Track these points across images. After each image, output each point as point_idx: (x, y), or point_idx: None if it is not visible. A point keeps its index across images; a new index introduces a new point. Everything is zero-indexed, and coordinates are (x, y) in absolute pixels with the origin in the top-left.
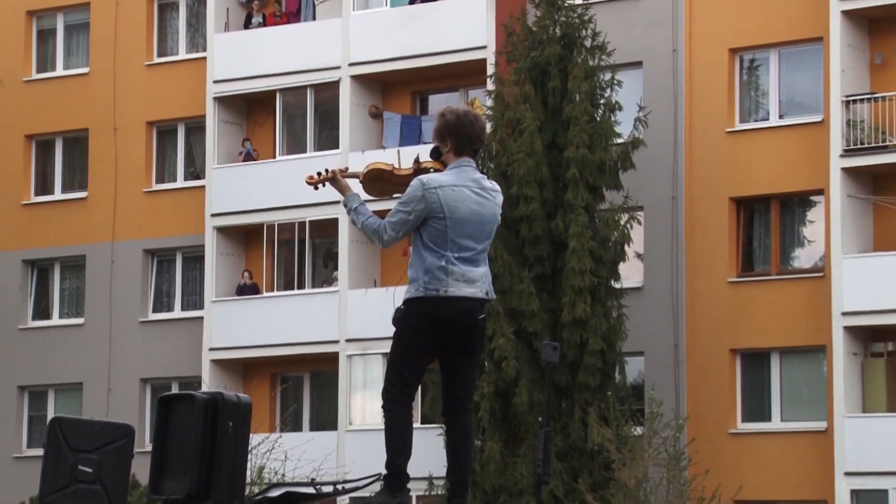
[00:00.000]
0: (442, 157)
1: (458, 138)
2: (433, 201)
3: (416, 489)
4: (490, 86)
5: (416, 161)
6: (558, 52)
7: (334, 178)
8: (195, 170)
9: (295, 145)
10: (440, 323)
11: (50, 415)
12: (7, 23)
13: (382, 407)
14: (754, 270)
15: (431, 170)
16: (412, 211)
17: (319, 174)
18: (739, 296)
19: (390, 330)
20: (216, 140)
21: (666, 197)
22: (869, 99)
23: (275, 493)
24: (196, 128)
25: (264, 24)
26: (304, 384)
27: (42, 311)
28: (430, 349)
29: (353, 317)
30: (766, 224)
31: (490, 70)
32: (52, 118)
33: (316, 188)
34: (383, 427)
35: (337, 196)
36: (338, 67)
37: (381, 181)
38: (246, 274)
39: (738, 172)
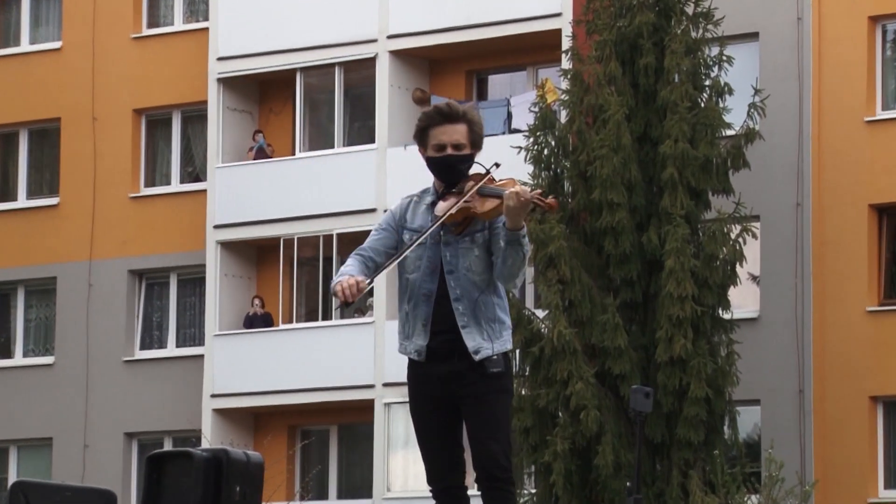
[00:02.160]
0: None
1: None
2: None
3: None
4: (566, 64)
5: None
6: (652, 20)
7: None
8: (194, 170)
9: (319, 139)
10: None
11: (12, 478)
12: None
13: (506, 490)
14: None
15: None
16: None
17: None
18: (882, 329)
19: None
20: (220, 132)
21: (789, 204)
22: None
23: None
24: (195, 117)
25: None
26: (331, 440)
27: (2, 348)
28: None
29: (392, 355)
30: None
31: (566, 44)
32: (14, 105)
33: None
34: None
35: (369, 203)
36: (374, 41)
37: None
38: (257, 301)
39: (881, 173)
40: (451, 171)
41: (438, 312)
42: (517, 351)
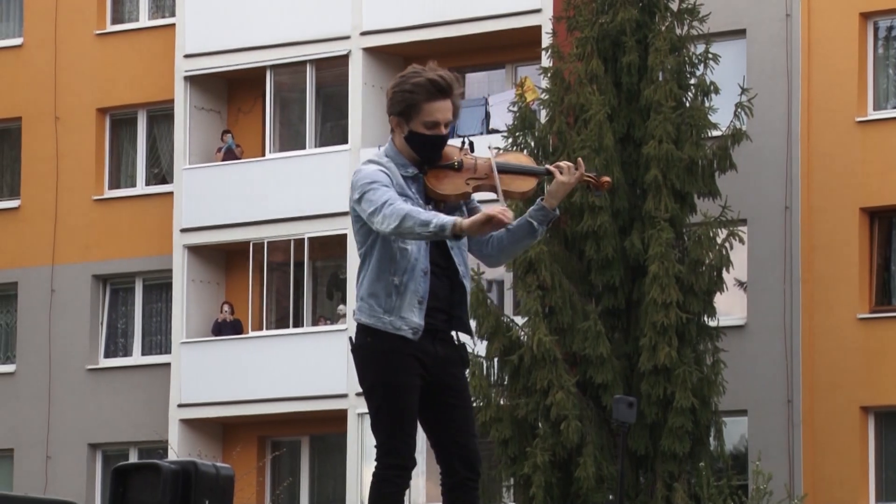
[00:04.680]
0: None
1: None
2: None
3: None
4: (546, 61)
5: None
6: (635, 17)
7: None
8: (160, 171)
9: (290, 139)
10: None
11: None
12: None
13: (478, 488)
14: (893, 304)
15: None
16: None
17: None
18: (873, 337)
19: None
20: (188, 132)
21: (777, 207)
22: None
23: None
24: (162, 116)
25: None
26: (302, 451)
27: None
28: None
29: None
30: None
31: (546, 41)
32: None
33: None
34: None
35: (342, 206)
36: (347, 37)
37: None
38: (226, 308)
39: (872, 175)
40: (439, 150)
41: (430, 289)
42: (495, 359)
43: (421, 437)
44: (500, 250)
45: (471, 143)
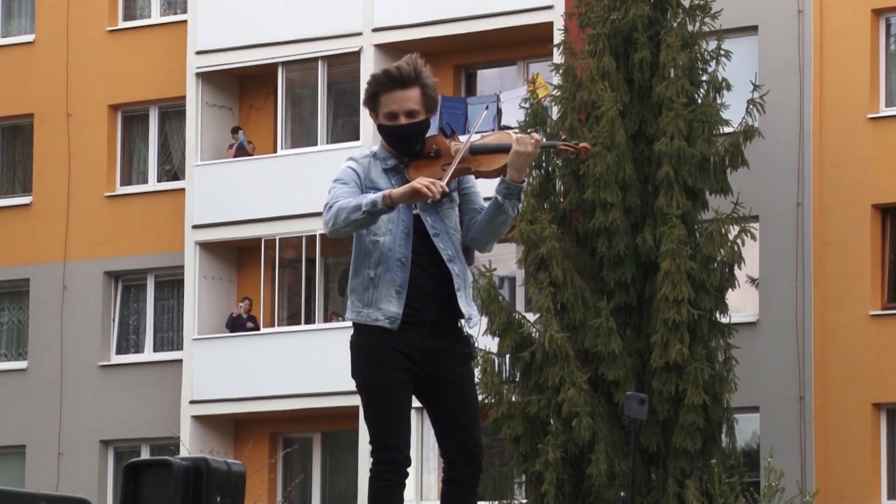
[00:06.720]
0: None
1: None
2: None
3: None
4: (557, 58)
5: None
6: (647, 13)
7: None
8: (172, 168)
9: (302, 136)
10: None
11: None
12: None
13: (478, 482)
14: None
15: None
16: None
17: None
18: (885, 333)
19: None
20: (199, 129)
21: (789, 204)
22: None
23: None
24: (173, 113)
25: None
26: (314, 448)
27: None
28: None
29: None
30: None
31: (558, 37)
32: None
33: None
34: None
35: None
36: (359, 34)
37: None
38: (239, 305)
39: (884, 171)
40: (406, 141)
41: (414, 280)
42: (507, 356)
43: (432, 433)
44: (478, 231)
45: (444, 129)
